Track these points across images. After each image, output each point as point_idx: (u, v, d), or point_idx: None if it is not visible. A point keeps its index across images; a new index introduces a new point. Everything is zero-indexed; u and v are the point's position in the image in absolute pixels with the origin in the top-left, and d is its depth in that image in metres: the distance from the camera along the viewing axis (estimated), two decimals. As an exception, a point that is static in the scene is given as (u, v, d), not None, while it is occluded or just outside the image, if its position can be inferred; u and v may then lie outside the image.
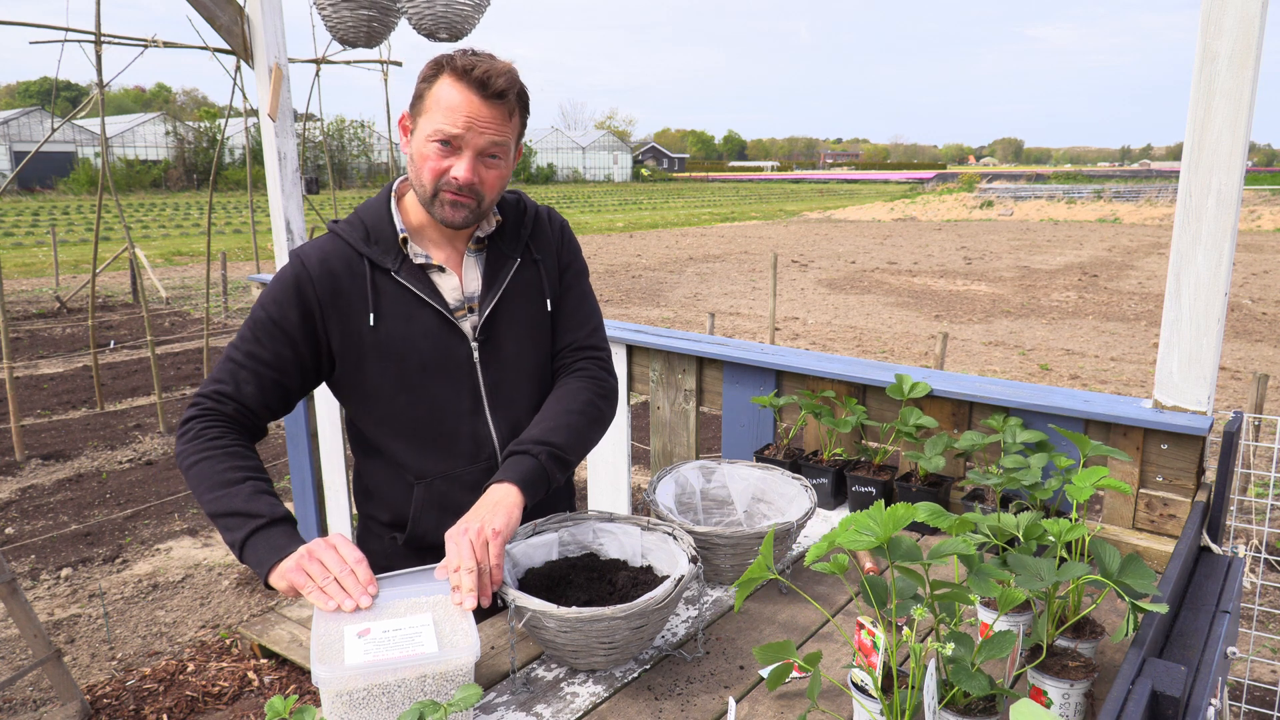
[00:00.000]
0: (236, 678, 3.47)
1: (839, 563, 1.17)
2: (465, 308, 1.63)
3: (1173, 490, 1.90)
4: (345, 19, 3.47)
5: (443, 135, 1.48)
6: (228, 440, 1.50)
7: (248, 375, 1.54)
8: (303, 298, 1.55)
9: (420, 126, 1.52)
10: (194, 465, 1.47)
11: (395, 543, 1.70)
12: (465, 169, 1.49)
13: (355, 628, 1.34)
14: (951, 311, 12.75)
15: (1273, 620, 3.80)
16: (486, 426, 1.65)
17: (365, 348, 1.57)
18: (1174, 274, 1.86)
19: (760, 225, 31.13)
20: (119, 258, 13.01)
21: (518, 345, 1.66)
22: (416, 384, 1.59)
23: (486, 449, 1.65)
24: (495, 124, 1.49)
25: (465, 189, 1.51)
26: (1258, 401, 4.50)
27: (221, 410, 1.53)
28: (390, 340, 1.57)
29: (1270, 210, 31.06)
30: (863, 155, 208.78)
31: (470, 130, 1.48)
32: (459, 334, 1.61)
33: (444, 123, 1.47)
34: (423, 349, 1.59)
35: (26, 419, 6.96)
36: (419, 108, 1.52)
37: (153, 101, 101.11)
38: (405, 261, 1.59)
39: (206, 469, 1.46)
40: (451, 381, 1.61)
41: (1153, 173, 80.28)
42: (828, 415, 2.22)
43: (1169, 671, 1.04)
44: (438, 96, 1.48)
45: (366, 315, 1.56)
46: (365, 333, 1.56)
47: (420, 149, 1.51)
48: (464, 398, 1.63)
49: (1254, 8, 1.68)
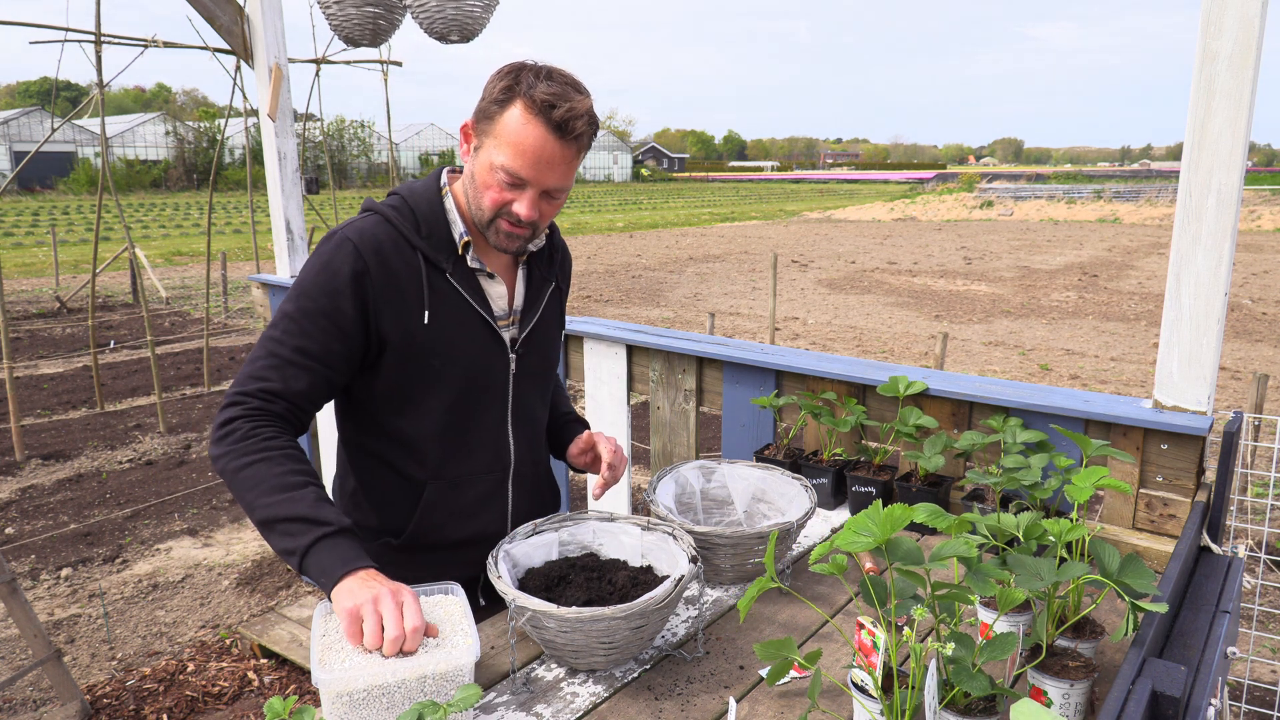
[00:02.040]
0: (236, 678, 3.47)
1: (839, 563, 1.17)
2: (509, 319, 1.62)
3: (1173, 490, 1.90)
4: (350, 16, 3.47)
5: (511, 178, 1.42)
6: (283, 442, 1.41)
7: (297, 371, 1.44)
8: (360, 290, 1.46)
9: (487, 150, 1.44)
10: (247, 467, 1.36)
11: (388, 546, 1.65)
12: (527, 207, 1.45)
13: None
14: (951, 311, 12.75)
15: (1273, 620, 3.80)
16: (507, 437, 1.66)
17: (416, 345, 1.51)
18: (1174, 274, 1.86)
19: (760, 225, 31.14)
20: (119, 258, 13.02)
21: (542, 364, 1.69)
22: (457, 388, 1.56)
23: (504, 459, 1.66)
24: (565, 164, 1.44)
25: (524, 223, 1.47)
26: (1258, 401, 4.50)
27: (270, 409, 1.43)
28: (441, 341, 1.52)
29: (1270, 210, 31.06)
30: (863, 155, 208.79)
31: (539, 173, 1.42)
32: (501, 344, 1.60)
33: (514, 163, 1.41)
34: (469, 354, 1.56)
35: (26, 419, 6.96)
36: (488, 128, 1.43)
37: (153, 101, 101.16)
38: (458, 263, 1.54)
39: (262, 471, 1.36)
40: (488, 390, 1.60)
41: (1153, 173, 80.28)
42: (827, 415, 2.22)
43: (1169, 671, 1.04)
44: (511, 128, 1.40)
45: (421, 312, 1.50)
46: (418, 330, 1.50)
47: (483, 175, 1.46)
48: (495, 406, 1.62)
49: (1254, 8, 1.68)
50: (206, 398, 7.79)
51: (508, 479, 1.68)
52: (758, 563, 1.68)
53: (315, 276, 1.47)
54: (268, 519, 1.34)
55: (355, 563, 1.30)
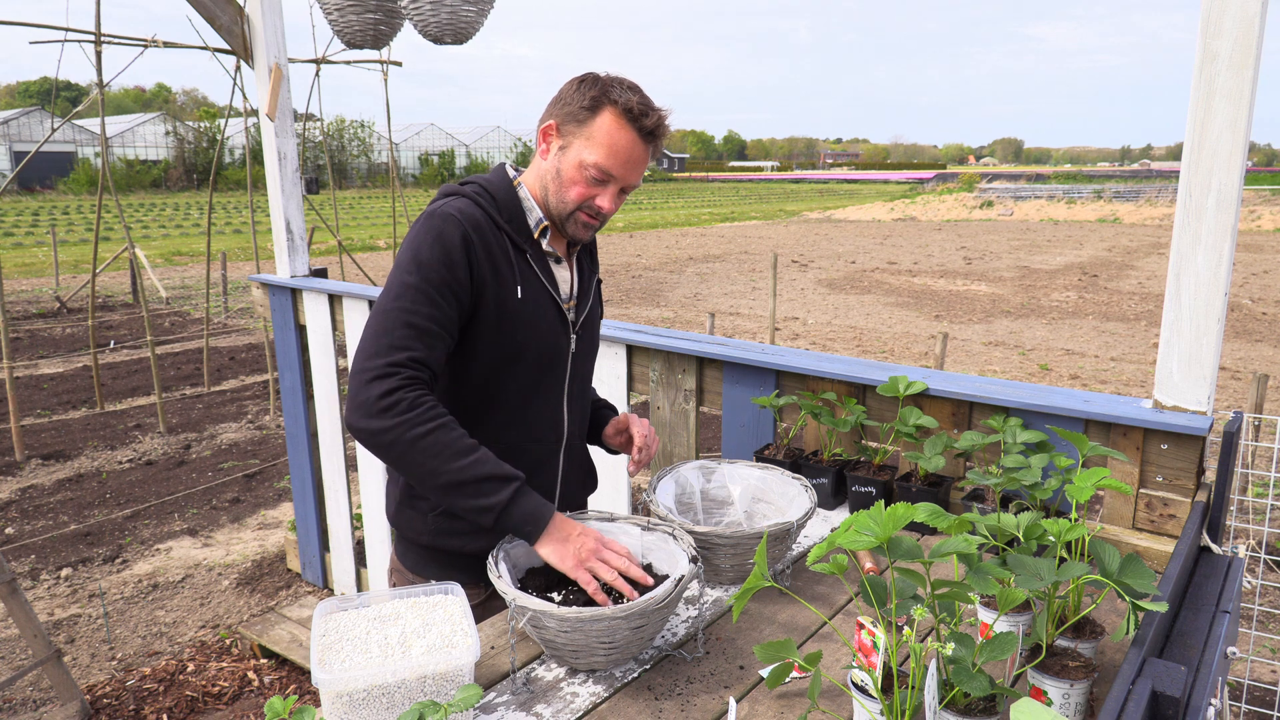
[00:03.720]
0: (236, 678, 3.47)
1: (839, 563, 1.17)
2: (570, 302, 1.74)
3: (1173, 490, 1.90)
4: (352, 23, 3.50)
5: (603, 175, 1.57)
6: (443, 409, 1.49)
7: (433, 340, 1.52)
8: (471, 257, 1.56)
9: (576, 150, 1.58)
10: (425, 435, 1.44)
11: (445, 512, 1.70)
12: (610, 201, 1.61)
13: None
14: (951, 311, 12.75)
15: (1273, 620, 3.80)
16: (563, 411, 1.77)
17: (508, 317, 1.61)
18: (1174, 274, 1.86)
19: (760, 225, 31.13)
20: (119, 258, 13.02)
21: (592, 346, 1.85)
22: (530, 360, 1.67)
23: (558, 431, 1.77)
24: (644, 165, 1.61)
25: (602, 215, 1.63)
26: (1258, 401, 4.49)
27: (420, 377, 1.49)
28: (525, 315, 1.63)
29: (1270, 210, 31.06)
30: (862, 155, 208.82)
31: (627, 172, 1.59)
32: (566, 324, 1.73)
33: (608, 161, 1.56)
34: (544, 330, 1.67)
35: (26, 419, 6.96)
36: (577, 130, 1.57)
37: (153, 101, 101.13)
38: (536, 246, 1.67)
39: (443, 438, 1.45)
40: (553, 365, 1.72)
41: (1153, 173, 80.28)
42: (827, 415, 2.22)
43: (1169, 671, 1.04)
44: (607, 132, 1.55)
45: (514, 286, 1.61)
46: (512, 303, 1.61)
47: (570, 173, 1.59)
48: (556, 382, 1.74)
49: (1254, 8, 1.68)
50: (206, 398, 7.79)
51: (560, 450, 1.79)
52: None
53: (431, 249, 1.54)
54: (458, 481, 1.44)
55: (544, 510, 1.47)
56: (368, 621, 1.35)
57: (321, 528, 4.01)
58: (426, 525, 1.71)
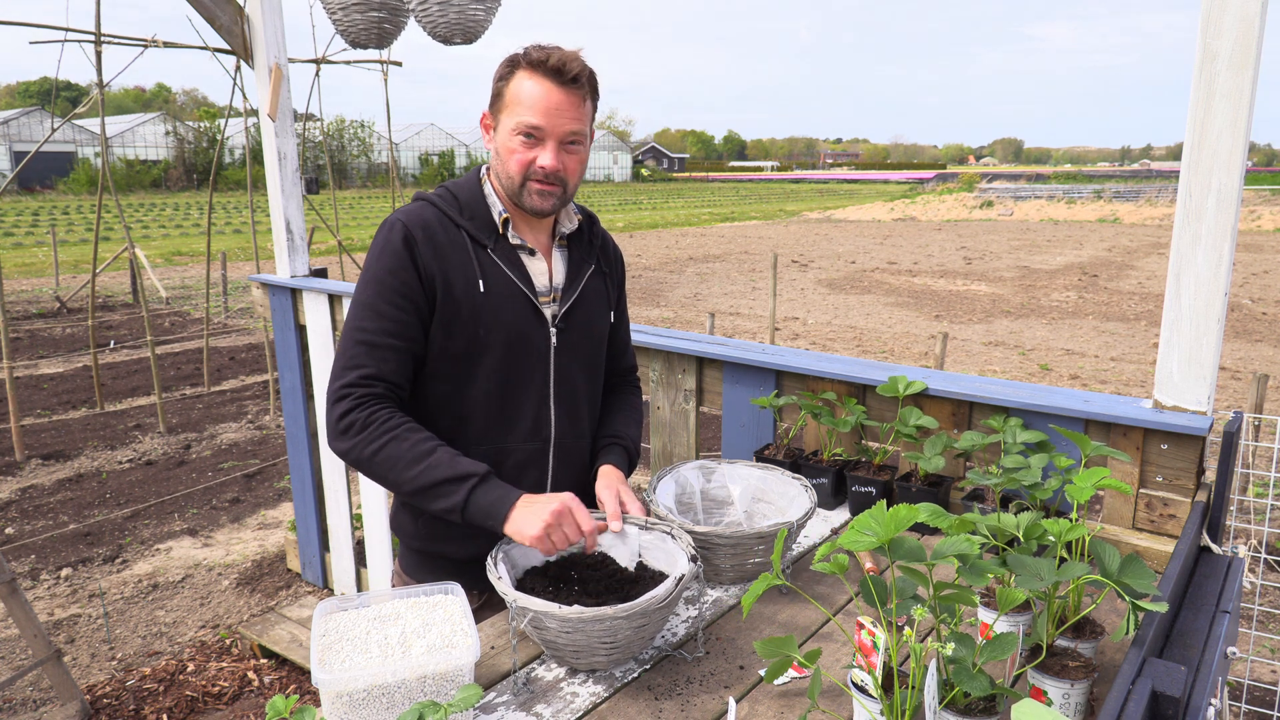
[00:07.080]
0: (236, 678, 3.47)
1: (839, 563, 1.17)
2: (550, 296, 1.72)
3: (1173, 490, 1.90)
4: (356, 22, 3.50)
5: (526, 127, 1.56)
6: (399, 418, 1.53)
7: (384, 352, 1.56)
8: (415, 258, 1.58)
9: (502, 122, 1.59)
10: (379, 451, 1.49)
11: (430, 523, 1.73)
12: (550, 157, 1.57)
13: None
14: (951, 311, 12.75)
15: (1273, 620, 3.80)
16: (548, 410, 1.73)
17: (468, 313, 1.61)
18: (1174, 274, 1.86)
19: (760, 225, 31.13)
20: (119, 258, 13.01)
21: (586, 341, 1.78)
22: (502, 356, 1.66)
23: (544, 431, 1.74)
24: (573, 110, 1.57)
25: (551, 176, 1.59)
26: (1258, 401, 4.49)
27: (373, 392, 1.54)
28: (487, 309, 1.62)
29: (1270, 210, 31.06)
30: (862, 155, 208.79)
31: (551, 119, 1.55)
32: (542, 318, 1.69)
33: (526, 115, 1.55)
34: (515, 324, 1.66)
35: (26, 419, 6.96)
36: (498, 105, 1.60)
37: (153, 101, 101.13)
38: (500, 241, 1.66)
39: (395, 450, 1.49)
40: (529, 361, 1.70)
41: (1153, 173, 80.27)
42: (827, 415, 2.22)
43: (1169, 671, 1.04)
44: (517, 91, 1.56)
45: (475, 280, 1.62)
46: (476, 296, 1.61)
47: (505, 143, 1.59)
48: (536, 379, 1.71)
49: (1254, 8, 1.68)
50: (206, 398, 7.79)
51: (548, 451, 1.75)
52: (758, 563, 1.68)
53: (377, 261, 1.60)
54: (419, 489, 1.49)
55: (509, 498, 1.48)
56: (368, 621, 1.35)
57: (321, 528, 4.01)
58: (418, 529, 1.73)
